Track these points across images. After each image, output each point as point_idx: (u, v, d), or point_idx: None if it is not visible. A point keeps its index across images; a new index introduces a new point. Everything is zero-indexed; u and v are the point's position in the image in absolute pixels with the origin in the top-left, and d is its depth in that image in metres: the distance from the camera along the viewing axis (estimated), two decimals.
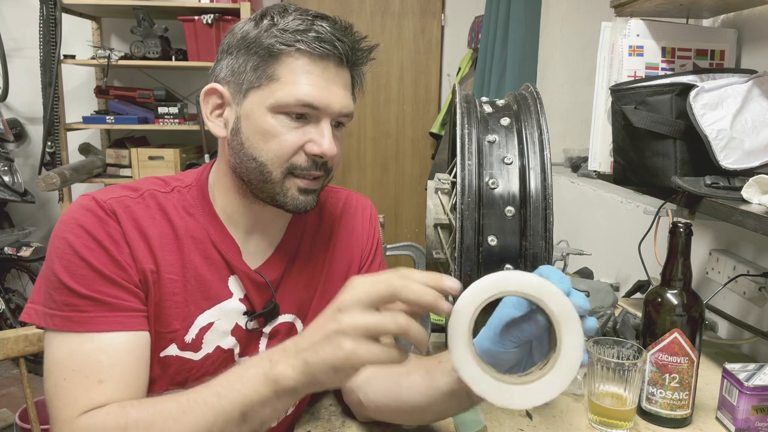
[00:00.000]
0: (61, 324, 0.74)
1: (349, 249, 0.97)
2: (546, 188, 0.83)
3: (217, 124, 0.84)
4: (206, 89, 0.84)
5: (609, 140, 1.29)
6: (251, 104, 0.80)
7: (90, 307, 0.75)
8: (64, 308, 0.74)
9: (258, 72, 0.79)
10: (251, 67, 0.79)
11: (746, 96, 1.05)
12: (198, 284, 0.83)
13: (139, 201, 0.82)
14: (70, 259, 0.75)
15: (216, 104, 0.84)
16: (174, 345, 0.82)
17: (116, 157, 3.00)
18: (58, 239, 0.76)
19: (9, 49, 3.11)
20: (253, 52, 0.79)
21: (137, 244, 0.79)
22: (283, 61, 0.78)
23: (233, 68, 0.81)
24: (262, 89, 0.79)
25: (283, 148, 0.79)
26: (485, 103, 0.94)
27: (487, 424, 0.90)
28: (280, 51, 0.78)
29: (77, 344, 0.74)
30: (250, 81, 0.80)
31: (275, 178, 0.81)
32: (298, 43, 0.77)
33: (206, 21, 2.80)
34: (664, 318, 0.89)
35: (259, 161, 0.80)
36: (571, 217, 2.16)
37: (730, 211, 0.97)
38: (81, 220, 0.77)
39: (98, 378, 0.72)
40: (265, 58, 0.78)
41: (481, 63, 2.90)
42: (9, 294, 2.88)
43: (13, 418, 2.26)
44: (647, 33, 1.27)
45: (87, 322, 0.74)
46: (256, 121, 0.80)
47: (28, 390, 1.17)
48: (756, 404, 0.87)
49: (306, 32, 0.78)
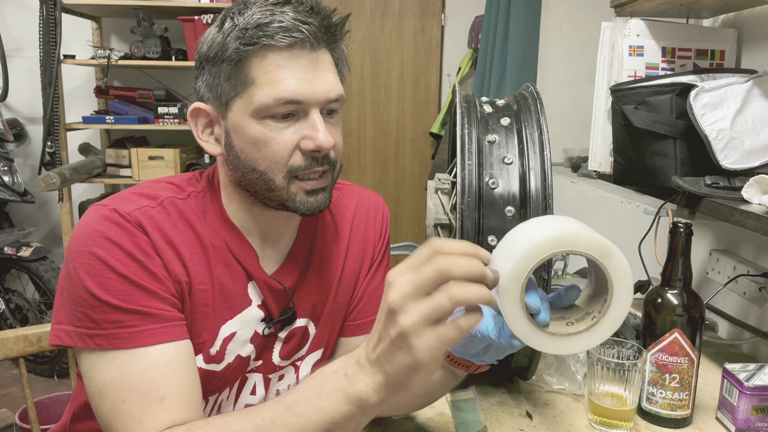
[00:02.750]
0: (106, 343, 0.71)
1: (362, 249, 0.96)
2: (546, 188, 0.83)
3: (210, 142, 0.81)
4: (191, 110, 0.81)
5: (609, 140, 1.29)
6: (235, 115, 0.77)
7: (136, 321, 0.71)
8: (106, 326, 0.71)
9: (232, 80, 0.75)
10: (224, 77, 0.76)
11: (746, 96, 1.05)
12: (222, 294, 0.81)
13: (160, 210, 0.78)
14: (105, 275, 0.71)
15: (205, 123, 0.81)
16: (201, 356, 0.81)
17: (116, 157, 2.99)
18: (84, 255, 0.72)
19: (9, 49, 3.11)
20: (220, 60, 0.75)
21: (168, 255, 0.76)
22: (252, 62, 0.74)
23: (209, 83, 0.78)
24: (242, 97, 0.75)
25: (278, 153, 0.76)
26: (485, 103, 0.94)
27: (487, 424, 0.90)
28: (246, 52, 0.74)
29: (126, 362, 0.70)
30: (227, 92, 0.76)
31: (279, 185, 0.78)
32: (262, 39, 0.73)
33: (206, 21, 2.79)
34: (665, 318, 0.89)
35: (258, 171, 0.77)
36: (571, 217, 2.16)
37: (730, 211, 0.96)
38: (107, 233, 0.73)
39: (159, 395, 0.69)
40: (235, 63, 0.74)
41: (481, 63, 2.89)
42: (9, 294, 2.88)
43: (13, 418, 2.26)
44: (647, 33, 1.27)
45: (135, 337, 0.71)
46: (244, 131, 0.76)
47: (28, 390, 1.17)
48: (756, 404, 0.87)
49: (268, 25, 0.73)
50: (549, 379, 1.02)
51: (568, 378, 1.01)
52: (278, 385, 0.93)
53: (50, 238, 3.37)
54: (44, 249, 2.80)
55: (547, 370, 1.03)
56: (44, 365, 2.83)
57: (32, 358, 2.76)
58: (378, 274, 0.97)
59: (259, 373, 0.90)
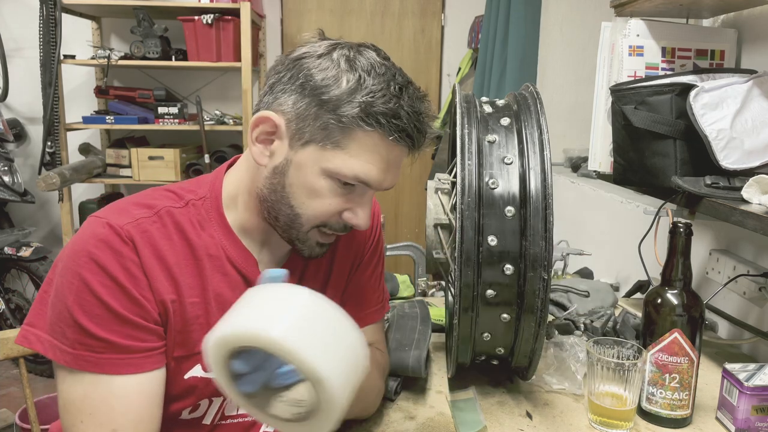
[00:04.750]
0: (73, 362, 0.72)
1: (351, 250, 0.96)
2: (546, 188, 0.83)
3: (262, 151, 0.79)
4: (262, 116, 0.77)
5: (609, 140, 1.29)
6: (307, 158, 0.76)
7: (103, 348, 0.72)
8: (76, 346, 0.72)
9: (326, 132, 0.74)
10: (321, 123, 0.74)
11: (746, 96, 1.05)
12: (218, 303, 0.81)
13: (155, 221, 0.78)
14: (84, 297, 0.72)
15: (267, 132, 0.78)
16: (199, 366, 0.81)
17: (116, 157, 2.99)
18: (71, 273, 0.73)
19: (9, 49, 3.11)
20: (327, 110, 0.73)
21: (156, 273, 0.76)
22: (355, 133, 0.74)
23: (299, 111, 0.75)
24: (325, 150, 0.75)
25: (324, 212, 0.78)
26: (485, 103, 0.94)
27: (487, 424, 0.90)
28: (359, 125, 0.73)
29: (90, 385, 0.72)
30: (313, 135, 0.75)
31: (303, 229, 0.80)
32: (379, 127, 0.73)
33: (206, 21, 2.80)
34: (664, 318, 0.89)
35: (295, 212, 0.78)
36: (571, 217, 2.16)
37: (730, 211, 0.97)
38: (95, 254, 0.73)
39: (112, 427, 0.72)
40: (338, 123, 0.73)
41: (481, 63, 2.90)
42: (9, 294, 2.88)
43: (13, 418, 2.26)
44: (647, 33, 1.27)
45: (100, 364, 0.72)
46: (307, 176, 0.76)
47: (28, 390, 1.17)
48: (756, 404, 0.87)
49: (391, 117, 0.73)
50: (549, 379, 1.02)
51: (568, 378, 1.01)
52: None
53: (50, 238, 3.37)
54: (44, 249, 2.80)
55: (547, 370, 1.03)
56: (44, 365, 2.83)
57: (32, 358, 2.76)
58: (365, 271, 0.97)
59: None
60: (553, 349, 1.05)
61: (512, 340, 0.90)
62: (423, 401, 0.98)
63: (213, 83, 3.33)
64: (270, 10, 3.39)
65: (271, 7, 3.39)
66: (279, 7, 3.42)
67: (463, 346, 0.90)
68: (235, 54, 2.88)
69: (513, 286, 0.84)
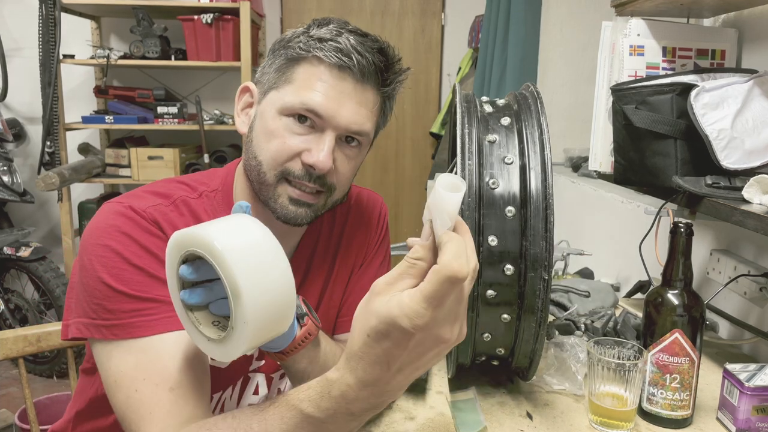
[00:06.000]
0: (122, 332, 0.72)
1: (356, 249, 0.96)
2: (546, 188, 0.82)
3: (243, 120, 0.86)
4: (242, 87, 0.87)
5: (610, 140, 1.29)
6: (267, 104, 0.81)
7: (152, 309, 0.73)
8: (122, 316, 0.72)
9: (278, 73, 0.81)
10: (275, 68, 0.81)
11: (747, 96, 1.05)
12: None
13: (173, 209, 0.80)
14: (120, 267, 0.73)
15: (247, 102, 0.86)
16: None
17: (115, 156, 2.99)
18: (99, 248, 0.73)
19: (8, 48, 3.11)
20: (279, 54, 0.81)
21: None
22: (302, 65, 0.79)
23: (263, 70, 0.84)
24: (279, 90, 0.80)
25: (280, 151, 0.79)
26: (485, 102, 0.94)
27: (487, 425, 0.90)
28: (299, 55, 0.79)
29: (140, 352, 0.71)
30: (271, 82, 0.81)
31: (269, 180, 0.80)
32: (316, 50, 0.78)
33: (206, 20, 2.79)
34: (665, 318, 0.89)
35: (258, 160, 0.80)
36: (571, 217, 2.16)
37: (730, 211, 0.96)
38: (123, 227, 0.74)
39: (169, 385, 0.70)
40: (287, 60, 0.80)
41: (481, 63, 2.89)
42: (8, 294, 2.87)
43: (12, 418, 2.26)
44: (648, 33, 1.27)
45: (151, 325, 0.72)
46: (266, 120, 0.80)
47: (28, 390, 1.17)
48: (757, 404, 0.87)
49: (328, 41, 0.78)
50: (549, 380, 1.02)
51: (568, 378, 1.01)
52: (280, 384, 0.94)
53: (49, 238, 3.37)
54: (43, 249, 2.79)
55: (548, 370, 1.03)
56: (44, 365, 2.83)
57: (32, 358, 2.76)
58: (368, 271, 0.97)
59: (262, 373, 0.91)
60: (554, 350, 1.05)
61: (512, 340, 0.90)
62: (423, 402, 0.98)
63: (212, 83, 3.32)
64: (270, 10, 3.39)
65: (270, 6, 3.39)
66: (279, 6, 3.42)
67: (463, 347, 0.90)
68: (235, 54, 2.88)
69: (513, 287, 0.84)
